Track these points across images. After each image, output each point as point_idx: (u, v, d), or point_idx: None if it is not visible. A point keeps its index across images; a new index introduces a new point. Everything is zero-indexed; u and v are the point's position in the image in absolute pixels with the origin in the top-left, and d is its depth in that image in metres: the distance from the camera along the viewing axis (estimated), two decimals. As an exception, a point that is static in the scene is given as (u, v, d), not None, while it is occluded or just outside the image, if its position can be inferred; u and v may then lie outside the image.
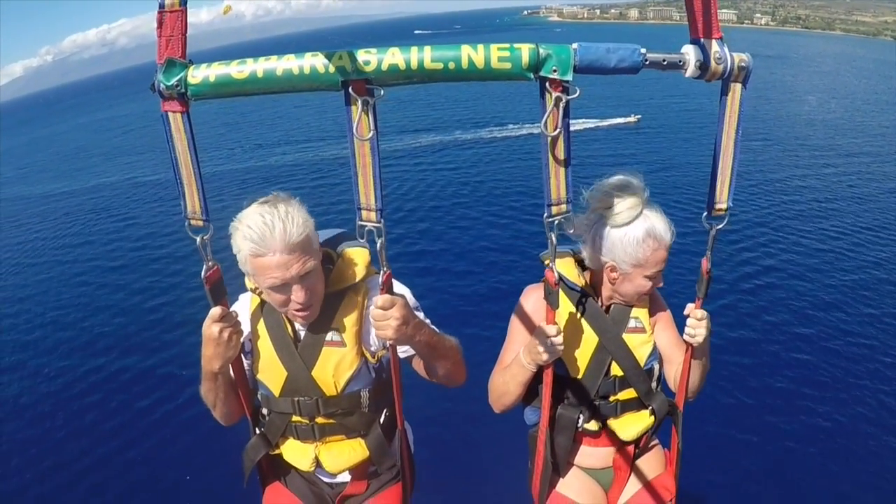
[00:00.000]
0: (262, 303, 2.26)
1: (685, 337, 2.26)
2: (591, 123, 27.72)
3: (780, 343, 9.60)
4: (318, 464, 2.39)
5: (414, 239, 14.60)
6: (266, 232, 1.91)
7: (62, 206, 23.42)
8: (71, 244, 17.93)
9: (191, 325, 10.26)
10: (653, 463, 2.69)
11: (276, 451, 2.44)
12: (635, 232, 2.24)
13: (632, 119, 29.58)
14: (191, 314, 10.80)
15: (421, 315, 2.22)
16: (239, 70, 1.63)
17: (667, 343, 2.50)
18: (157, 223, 18.48)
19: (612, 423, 2.53)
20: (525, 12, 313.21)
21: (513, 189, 18.75)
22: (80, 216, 21.19)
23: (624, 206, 2.23)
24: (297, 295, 2.02)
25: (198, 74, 1.65)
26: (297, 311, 2.09)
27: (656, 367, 2.50)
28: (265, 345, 2.24)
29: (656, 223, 2.26)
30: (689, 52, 1.65)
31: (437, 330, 2.22)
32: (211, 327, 1.99)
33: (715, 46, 1.64)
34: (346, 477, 2.49)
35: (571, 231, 2.16)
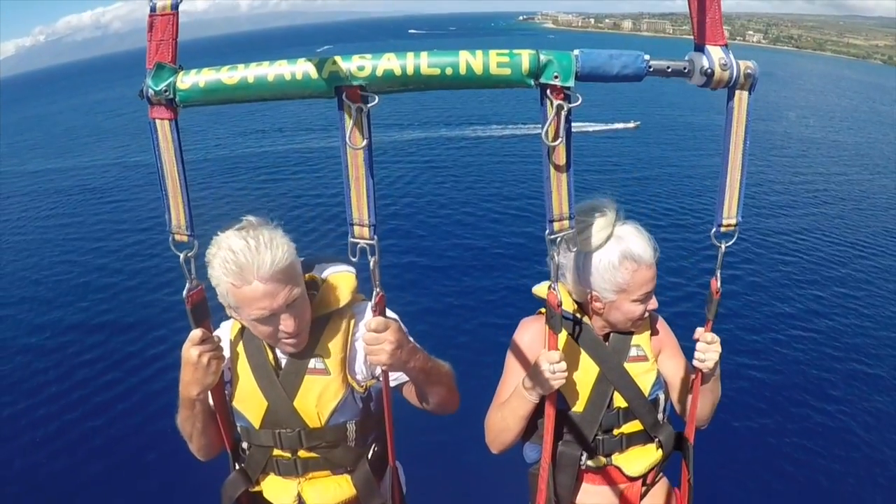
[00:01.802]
0: (242, 328, 2.11)
1: (694, 362, 2.11)
2: (588, 127, 27.93)
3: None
4: (300, 501, 2.20)
5: (402, 246, 14.53)
6: (249, 259, 1.77)
7: (51, 184, 23.54)
8: (58, 223, 18.06)
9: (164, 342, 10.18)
10: (662, 500, 2.50)
11: (257, 488, 2.25)
12: (610, 256, 2.10)
13: (631, 125, 30.01)
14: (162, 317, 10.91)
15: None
16: (229, 76, 1.58)
17: (673, 370, 2.36)
18: (144, 207, 18.54)
19: (618, 459, 2.34)
20: (521, 17, 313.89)
21: (499, 189, 19.29)
22: (70, 195, 21.35)
23: (594, 230, 2.08)
24: (286, 324, 1.89)
25: (187, 80, 1.59)
26: (286, 340, 1.96)
27: (661, 396, 2.32)
28: (244, 373, 2.08)
29: (632, 242, 2.10)
30: (695, 59, 1.60)
31: (430, 355, 2.08)
32: (190, 350, 1.83)
33: (720, 53, 1.58)
34: None
35: (575, 249, 1.91)
